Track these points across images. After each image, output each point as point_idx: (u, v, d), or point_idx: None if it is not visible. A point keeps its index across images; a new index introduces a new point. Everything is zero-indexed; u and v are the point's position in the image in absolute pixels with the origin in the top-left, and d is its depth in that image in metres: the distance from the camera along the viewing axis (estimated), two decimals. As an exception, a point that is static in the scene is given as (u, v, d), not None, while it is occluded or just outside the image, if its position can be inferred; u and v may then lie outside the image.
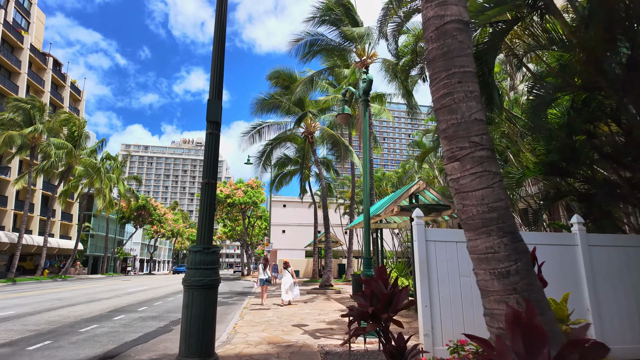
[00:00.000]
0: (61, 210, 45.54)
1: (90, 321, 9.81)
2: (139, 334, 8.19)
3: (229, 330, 8.22)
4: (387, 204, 11.84)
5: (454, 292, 5.48)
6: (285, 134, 21.82)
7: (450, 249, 5.64)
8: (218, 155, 4.83)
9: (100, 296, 17.04)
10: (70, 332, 8.25)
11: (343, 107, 9.00)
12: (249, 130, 20.13)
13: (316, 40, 17.09)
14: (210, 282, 4.30)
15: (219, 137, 4.88)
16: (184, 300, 4.27)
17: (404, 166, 29.44)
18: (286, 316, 10.34)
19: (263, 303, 13.17)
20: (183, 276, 4.41)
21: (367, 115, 7.90)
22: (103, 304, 13.73)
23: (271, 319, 9.90)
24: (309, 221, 40.74)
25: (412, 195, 11.72)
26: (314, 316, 10.37)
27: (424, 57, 11.87)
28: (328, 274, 18.80)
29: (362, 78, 7.96)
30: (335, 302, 13.95)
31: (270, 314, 10.89)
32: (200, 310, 4.20)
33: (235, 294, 19.55)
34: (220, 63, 5.07)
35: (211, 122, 4.83)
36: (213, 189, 4.68)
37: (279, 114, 20.31)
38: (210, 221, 4.55)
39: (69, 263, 37.00)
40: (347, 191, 36.50)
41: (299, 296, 13.89)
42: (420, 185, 11.30)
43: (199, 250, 4.36)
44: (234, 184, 43.01)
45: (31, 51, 40.13)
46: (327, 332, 7.99)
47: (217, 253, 4.49)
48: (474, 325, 5.35)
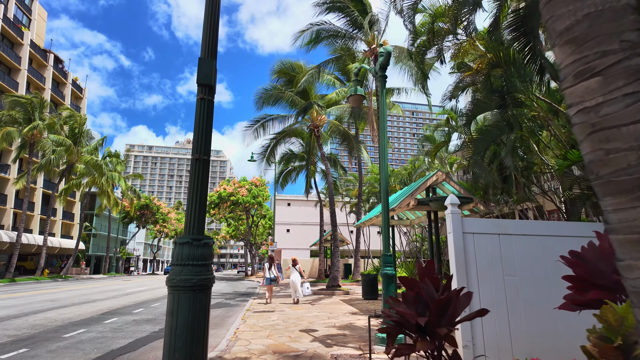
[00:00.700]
0: (62, 209, 44.89)
1: (78, 325, 8.95)
2: (128, 340, 7.30)
3: (229, 336, 7.31)
4: (402, 197, 10.89)
5: (498, 295, 4.54)
6: (290, 128, 20.89)
7: (492, 242, 4.71)
8: (211, 127, 3.92)
9: (96, 297, 16.20)
10: (52, 338, 7.37)
11: (356, 87, 8.08)
12: (253, 123, 19.20)
13: (323, 29, 16.18)
14: (201, 282, 3.39)
15: (212, 105, 3.97)
16: (168, 306, 3.37)
17: (414, 163, 28.42)
18: (292, 320, 9.42)
19: (270, 302, 12.85)
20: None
21: (384, 93, 6.97)
22: (97, 306, 12.88)
23: (276, 323, 8.99)
24: (313, 220, 39.83)
25: (429, 189, 10.78)
26: (322, 320, 9.45)
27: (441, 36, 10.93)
28: (335, 274, 17.86)
29: (379, 52, 7.02)
30: (344, 304, 13.02)
31: (274, 317, 9.97)
32: (189, 319, 3.30)
33: (238, 295, 18.66)
34: (215, 15, 4.15)
35: (203, 85, 3.91)
36: (205, 167, 3.77)
37: (283, 106, 19.42)
38: (202, 207, 3.64)
39: (69, 263, 36.28)
40: (353, 189, 35.54)
41: (310, 293, 13.33)
42: (439, 176, 10.34)
43: (187, 241, 3.45)
44: (237, 182, 42.12)
45: (31, 47, 39.47)
46: (339, 338, 7.07)
47: (209, 246, 3.57)
48: (522, 334, 4.41)
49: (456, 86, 13.59)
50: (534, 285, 4.57)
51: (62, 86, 46.18)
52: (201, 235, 3.54)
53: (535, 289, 4.55)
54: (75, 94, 49.00)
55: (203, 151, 3.77)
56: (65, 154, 33.58)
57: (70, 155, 34.19)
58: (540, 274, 4.62)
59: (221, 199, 41.26)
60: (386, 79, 7.04)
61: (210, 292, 3.55)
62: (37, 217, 39.96)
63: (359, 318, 9.66)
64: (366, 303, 13.26)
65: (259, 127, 19.31)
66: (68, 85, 46.73)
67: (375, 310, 11.24)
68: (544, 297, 4.50)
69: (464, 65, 13.26)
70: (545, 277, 4.58)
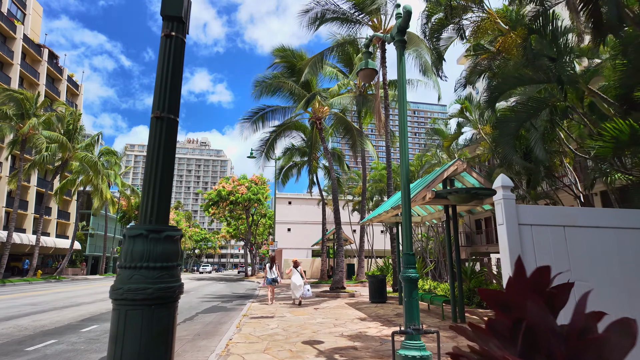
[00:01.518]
0: (58, 208, 43.81)
1: (50, 334, 7.85)
2: (100, 355, 6.20)
3: (219, 350, 6.21)
4: (416, 189, 9.77)
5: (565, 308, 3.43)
6: (291, 120, 19.74)
7: (555, 236, 3.59)
8: (180, 76, 2.81)
9: (83, 300, 15.11)
10: (11, 353, 6.27)
11: (367, 59, 7.00)
12: (251, 115, 17.97)
13: (327, 9, 15.07)
14: (162, 293, 2.28)
15: (182, 45, 2.85)
16: (111, 329, 2.26)
17: (420, 158, 27.22)
18: (294, 328, 8.31)
19: (271, 303, 12.96)
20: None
21: (403, 61, 5.86)
22: (80, 310, 11.78)
23: (275, 332, 7.87)
24: (315, 219, 38.71)
25: (447, 180, 9.66)
26: (328, 327, 8.33)
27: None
28: (340, 274, 16.72)
29: (396, 13, 5.91)
30: (351, 308, 11.91)
31: (274, 324, 8.86)
32: (141, 348, 2.19)
33: (236, 297, 17.57)
34: None
35: (169, 18, 2.81)
36: (170, 128, 2.65)
37: (283, 97, 18.27)
38: (165, 185, 2.53)
39: (63, 263, 35.17)
40: (356, 187, 34.40)
41: (311, 295, 12.94)
42: (458, 166, 9.22)
43: (141, 233, 2.34)
44: (237, 180, 40.96)
45: (25, 42, 38.37)
46: (350, 353, 5.95)
47: (175, 241, 2.45)
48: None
49: (472, 71, 12.45)
50: (612, 295, 3.47)
51: (57, 82, 45.09)
52: (163, 225, 2.43)
53: (614, 300, 3.45)
54: (71, 90, 47.91)
55: (167, 107, 2.64)
56: (59, 151, 32.52)
57: (65, 152, 33.12)
58: (619, 279, 3.53)
59: (221, 198, 40.13)
60: (405, 45, 5.92)
61: (176, 307, 2.42)
62: (31, 217, 38.89)
63: (369, 326, 8.54)
64: (374, 307, 12.14)
65: (258, 119, 18.12)
66: (63, 82, 45.64)
67: (385, 315, 10.13)
68: (626, 310, 3.42)
69: (480, 47, 12.15)
70: (627, 284, 3.50)
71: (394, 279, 15.32)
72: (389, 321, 9.16)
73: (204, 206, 45.55)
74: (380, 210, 12.24)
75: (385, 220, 13.18)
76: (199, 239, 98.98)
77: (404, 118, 5.56)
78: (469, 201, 8.99)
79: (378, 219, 12.88)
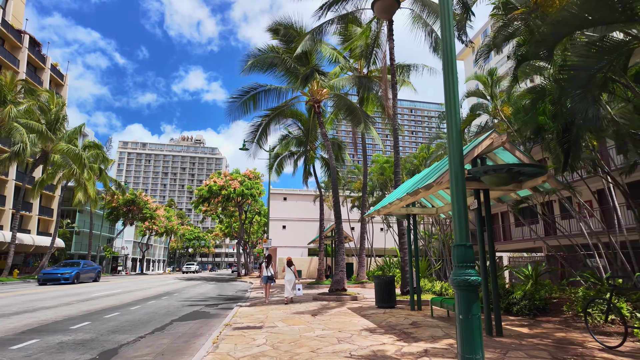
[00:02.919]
0: (40, 204, 41.52)
1: (-39, 355, 5.87)
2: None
3: (177, 385, 4.26)
4: (437, 171, 7.86)
5: None
6: (287, 103, 17.75)
7: None
8: None
9: (45, 304, 13.08)
10: None
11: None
12: (241, 94, 15.79)
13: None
14: None
15: None
16: None
17: (426, 149, 25.33)
18: (286, 344, 6.38)
19: (267, 300, 13.41)
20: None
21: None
22: (28, 319, 9.77)
23: (261, 351, 5.93)
24: (311, 215, 36.76)
25: (476, 159, 7.76)
26: (331, 343, 6.41)
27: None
28: (340, 274, 14.78)
29: None
30: (355, 315, 9.99)
31: (261, 338, 6.92)
32: None
33: (223, 300, 15.60)
34: None
35: None
36: None
37: (276, 76, 16.28)
38: None
39: (43, 262, 32.92)
40: (355, 181, 32.49)
41: (302, 294, 13.40)
42: (494, 139, 7.31)
43: None
44: (229, 175, 38.89)
45: (3, 27, 36.06)
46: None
47: None
48: None
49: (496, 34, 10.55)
50: None
51: (40, 71, 42.73)
52: None
53: None
54: (55, 80, 45.56)
55: None
56: (39, 142, 30.35)
57: (46, 143, 30.94)
58: None
59: (212, 193, 38.08)
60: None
61: None
62: (9, 212, 36.59)
63: (383, 341, 6.62)
64: (383, 313, 10.23)
65: (249, 99, 16.03)
66: (46, 70, 43.28)
67: (399, 325, 8.19)
68: None
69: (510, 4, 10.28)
70: None
71: (402, 280, 13.42)
72: (406, 334, 7.24)
73: (195, 203, 43.48)
74: (392, 198, 10.31)
75: (395, 211, 11.27)
76: (192, 238, 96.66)
77: (453, 66, 3.64)
78: (508, 183, 7.08)
79: (386, 210, 10.96)
